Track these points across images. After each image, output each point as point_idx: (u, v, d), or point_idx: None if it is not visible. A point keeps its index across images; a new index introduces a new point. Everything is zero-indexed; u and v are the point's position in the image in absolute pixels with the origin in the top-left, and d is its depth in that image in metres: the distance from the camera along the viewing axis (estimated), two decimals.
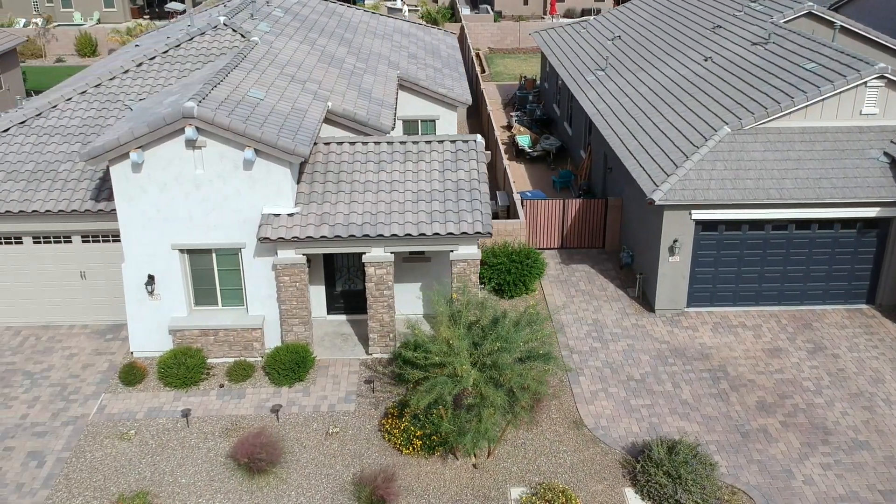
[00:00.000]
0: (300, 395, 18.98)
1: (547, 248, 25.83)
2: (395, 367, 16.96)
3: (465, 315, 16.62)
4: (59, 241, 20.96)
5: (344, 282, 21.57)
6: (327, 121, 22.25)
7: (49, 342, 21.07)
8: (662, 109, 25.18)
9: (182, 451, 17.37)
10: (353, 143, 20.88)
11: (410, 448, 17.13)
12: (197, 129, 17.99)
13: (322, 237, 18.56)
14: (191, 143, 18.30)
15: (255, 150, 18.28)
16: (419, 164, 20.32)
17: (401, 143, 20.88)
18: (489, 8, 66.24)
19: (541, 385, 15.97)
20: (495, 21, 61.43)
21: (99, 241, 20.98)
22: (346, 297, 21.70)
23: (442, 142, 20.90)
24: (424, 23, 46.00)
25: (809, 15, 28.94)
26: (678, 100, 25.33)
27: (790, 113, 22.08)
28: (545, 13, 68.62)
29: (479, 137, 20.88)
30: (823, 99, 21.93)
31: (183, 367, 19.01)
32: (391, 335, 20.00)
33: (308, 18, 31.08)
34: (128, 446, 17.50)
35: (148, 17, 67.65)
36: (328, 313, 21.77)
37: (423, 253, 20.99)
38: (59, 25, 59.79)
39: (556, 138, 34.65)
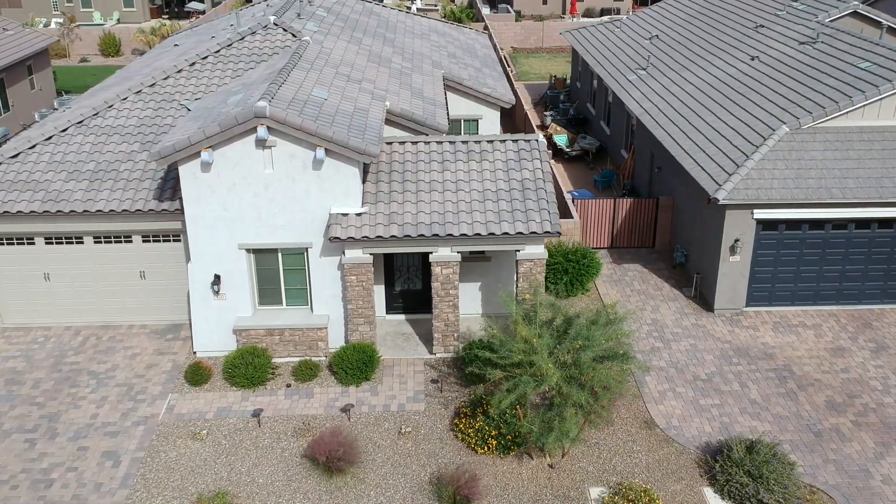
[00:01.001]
0: (368, 395, 18.97)
1: (597, 248, 25.80)
2: (474, 367, 16.92)
3: (538, 315, 16.62)
4: (120, 241, 20.94)
5: (403, 281, 21.54)
6: (385, 120, 22.21)
7: (110, 342, 21.05)
8: (714, 109, 25.14)
9: (256, 451, 17.35)
10: (415, 143, 20.86)
11: (485, 448, 17.11)
12: (268, 128, 17.97)
13: (392, 237, 18.55)
14: (261, 143, 18.29)
15: (325, 150, 18.26)
16: (482, 163, 20.30)
17: (462, 142, 20.86)
18: (508, 7, 66.16)
19: (621, 385, 15.96)
20: (516, 21, 61.41)
21: (159, 241, 20.96)
22: (405, 296, 21.68)
23: (504, 141, 20.87)
24: (451, 23, 45.92)
25: (854, 14, 28.91)
26: (729, 99, 25.29)
27: (847, 112, 22.03)
28: (564, 12, 68.56)
29: (540, 137, 20.85)
30: (881, 98, 21.88)
31: (250, 367, 18.99)
32: (455, 335, 19.97)
33: (349, 18, 31.07)
34: (201, 446, 17.48)
35: (167, 16, 67.62)
36: (387, 313, 21.74)
37: (483, 252, 20.97)
38: (80, 25, 59.72)
39: (593, 138, 34.62)
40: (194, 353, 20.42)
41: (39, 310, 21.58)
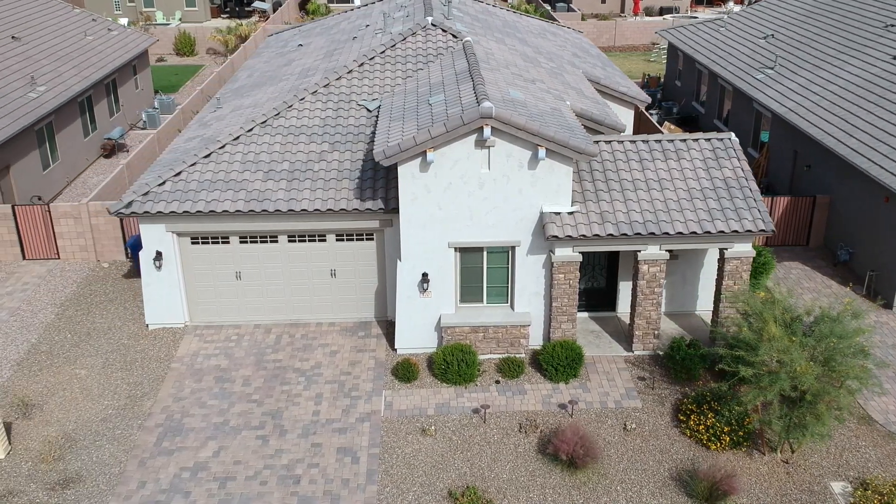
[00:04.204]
0: (580, 391, 19.19)
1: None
2: (724, 363, 17.06)
3: (773, 312, 16.81)
4: (314, 240, 21.16)
5: (587, 279, 21.75)
6: None
7: (304, 339, 21.28)
8: (869, 108, 25.31)
9: (489, 446, 17.57)
10: (609, 142, 21.07)
11: (718, 444, 17.34)
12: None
13: (609, 235, 18.76)
14: (481, 143, 18.50)
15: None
16: (680, 161, 20.51)
17: (656, 141, 21.07)
18: (567, 6, 66.30)
19: (867, 381, 16.16)
20: (582, 20, 61.62)
21: (353, 240, 21.19)
22: (589, 294, 21.89)
23: (697, 140, 21.08)
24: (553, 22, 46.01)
25: None
26: (883, 98, 25.45)
27: None
28: (623, 11, 68.80)
29: (733, 136, 21.06)
30: None
31: (463, 364, 19.21)
32: (655, 332, 20.18)
33: (479, 18, 31.29)
34: (433, 442, 17.71)
35: (227, 15, 67.86)
36: None
37: (671, 251, 21.16)
38: (155, 25, 59.91)
39: None
40: (394, 350, 20.64)
41: (227, 308, 21.80)
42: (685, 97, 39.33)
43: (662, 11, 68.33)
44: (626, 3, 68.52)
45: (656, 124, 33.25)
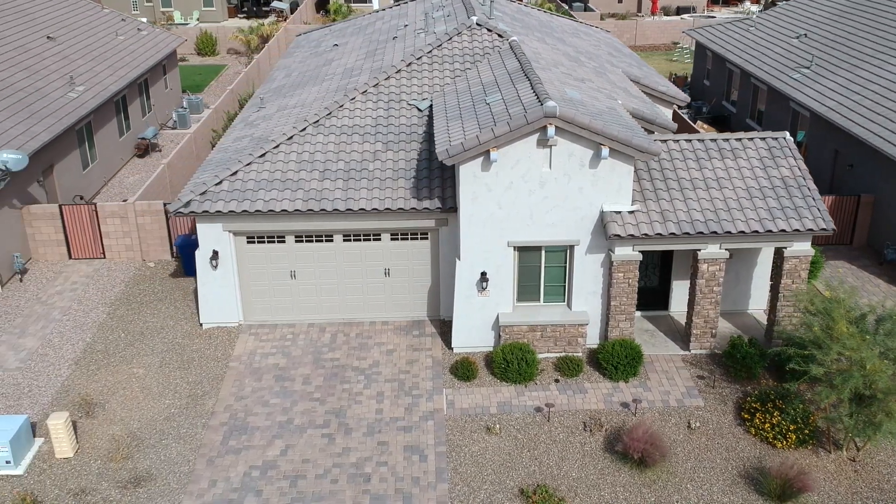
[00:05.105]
0: (641, 390, 19.24)
1: None
2: (795, 363, 17.09)
3: (842, 310, 16.86)
4: (369, 239, 21.21)
5: (640, 278, 21.78)
6: None
7: (360, 338, 21.32)
8: None
9: (555, 445, 17.63)
10: (664, 141, 21.12)
11: (784, 442, 17.39)
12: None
13: (671, 234, 18.82)
14: (543, 142, 18.55)
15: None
16: (737, 161, 20.56)
17: (711, 140, 21.12)
18: (584, 6, 66.31)
19: None
20: (601, 20, 61.68)
21: (407, 239, 21.23)
22: (641, 293, 21.89)
23: (752, 139, 21.13)
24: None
25: None
26: None
27: None
28: (639, 11, 68.82)
29: (787, 135, 21.10)
30: None
31: (523, 363, 19.26)
32: (713, 332, 20.23)
33: (516, 17, 31.33)
34: (499, 440, 17.76)
35: (244, 15, 67.93)
36: None
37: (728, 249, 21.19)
38: (168, 25, 59.97)
39: None
40: (451, 348, 20.69)
41: (282, 307, 21.85)
42: (715, 96, 39.37)
43: (679, 11, 68.37)
44: (642, 2, 68.55)
45: (691, 123, 33.34)
